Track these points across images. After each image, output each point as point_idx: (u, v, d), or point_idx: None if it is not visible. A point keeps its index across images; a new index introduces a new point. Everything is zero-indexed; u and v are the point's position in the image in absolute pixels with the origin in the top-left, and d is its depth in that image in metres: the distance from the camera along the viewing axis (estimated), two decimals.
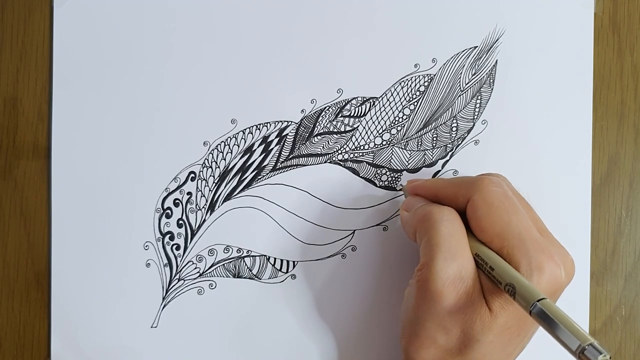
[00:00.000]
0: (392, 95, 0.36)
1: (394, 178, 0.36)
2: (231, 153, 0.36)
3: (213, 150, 0.36)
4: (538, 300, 0.23)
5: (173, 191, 0.36)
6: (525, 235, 0.27)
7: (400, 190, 0.35)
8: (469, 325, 0.26)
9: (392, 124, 0.36)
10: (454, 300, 0.26)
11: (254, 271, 0.36)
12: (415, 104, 0.36)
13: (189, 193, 0.36)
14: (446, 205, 0.29)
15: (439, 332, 0.27)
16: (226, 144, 0.36)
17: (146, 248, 0.36)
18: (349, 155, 0.36)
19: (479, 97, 0.36)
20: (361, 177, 0.36)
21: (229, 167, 0.36)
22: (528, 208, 0.30)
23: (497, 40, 0.35)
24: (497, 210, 0.27)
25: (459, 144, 0.36)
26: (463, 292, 0.26)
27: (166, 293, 0.36)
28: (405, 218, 0.32)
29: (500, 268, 0.26)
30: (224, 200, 0.36)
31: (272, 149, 0.36)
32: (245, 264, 0.36)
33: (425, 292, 0.27)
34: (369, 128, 0.36)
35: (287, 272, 0.36)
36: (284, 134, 0.36)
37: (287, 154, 0.36)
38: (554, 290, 0.26)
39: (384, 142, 0.36)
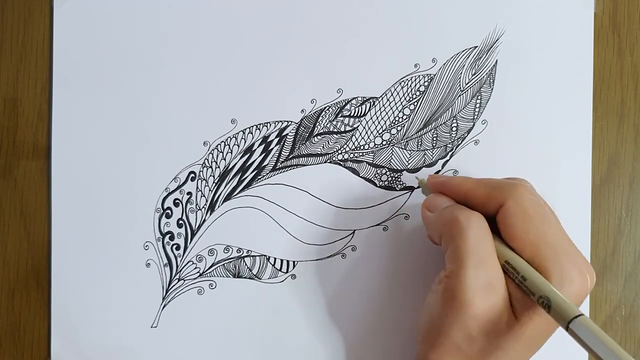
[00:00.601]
0: (392, 95, 0.36)
1: (394, 178, 0.36)
2: (231, 153, 0.36)
3: (213, 150, 0.36)
4: (576, 317, 0.23)
5: (173, 191, 0.36)
6: (558, 247, 0.27)
7: (419, 185, 0.34)
8: (495, 334, 0.26)
9: (392, 124, 0.36)
10: (483, 310, 0.26)
11: (254, 271, 0.36)
12: (415, 104, 0.36)
13: (189, 193, 0.36)
14: (472, 207, 0.29)
15: (464, 341, 0.27)
16: (226, 144, 0.36)
17: (146, 248, 0.36)
18: (349, 155, 0.36)
19: (479, 97, 0.36)
20: (361, 177, 0.36)
21: (229, 167, 0.36)
22: (556, 218, 0.29)
23: (497, 40, 0.35)
24: (533, 219, 0.27)
25: (459, 144, 0.36)
26: (493, 301, 0.26)
27: (166, 293, 0.36)
28: (429, 219, 0.31)
29: (534, 279, 0.26)
30: (224, 200, 0.36)
31: (272, 149, 0.36)
32: (245, 264, 0.36)
33: (454, 301, 0.27)
34: (369, 128, 0.36)
35: (287, 272, 0.36)
36: (284, 134, 0.36)
37: (287, 154, 0.36)
38: (580, 300, 0.27)
39: (384, 142, 0.36)
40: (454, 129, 0.36)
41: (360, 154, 0.36)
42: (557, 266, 0.26)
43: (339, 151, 0.36)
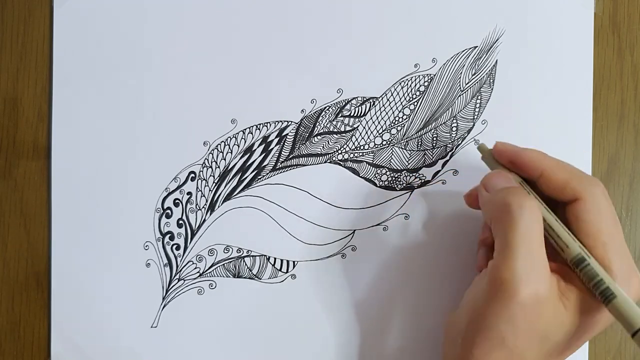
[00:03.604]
0: (392, 95, 0.36)
1: (394, 178, 0.36)
2: (231, 153, 0.36)
3: (213, 150, 0.36)
4: None
5: (173, 191, 0.36)
6: (623, 253, 0.28)
7: (480, 152, 0.32)
8: (543, 324, 0.26)
9: (392, 124, 0.36)
10: (530, 300, 0.26)
11: (254, 271, 0.36)
12: (415, 104, 0.36)
13: (189, 193, 0.36)
14: (541, 188, 0.29)
15: (510, 333, 0.27)
16: (226, 144, 0.36)
17: (146, 248, 0.36)
18: (349, 155, 0.36)
19: (479, 97, 0.36)
20: (361, 177, 0.36)
21: (229, 167, 0.36)
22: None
23: (497, 40, 0.35)
24: (607, 221, 0.28)
25: (459, 144, 0.36)
26: (540, 291, 0.26)
27: (166, 293, 0.36)
28: (484, 199, 0.30)
29: (608, 283, 0.26)
30: (224, 200, 0.36)
31: (272, 149, 0.36)
32: (245, 264, 0.36)
33: (500, 291, 0.26)
34: (369, 128, 0.36)
35: (287, 272, 0.36)
36: (284, 134, 0.36)
37: (287, 154, 0.36)
38: None
39: (384, 142, 0.36)
40: (454, 129, 0.36)
41: (360, 154, 0.36)
42: (622, 270, 0.27)
43: (339, 151, 0.36)
